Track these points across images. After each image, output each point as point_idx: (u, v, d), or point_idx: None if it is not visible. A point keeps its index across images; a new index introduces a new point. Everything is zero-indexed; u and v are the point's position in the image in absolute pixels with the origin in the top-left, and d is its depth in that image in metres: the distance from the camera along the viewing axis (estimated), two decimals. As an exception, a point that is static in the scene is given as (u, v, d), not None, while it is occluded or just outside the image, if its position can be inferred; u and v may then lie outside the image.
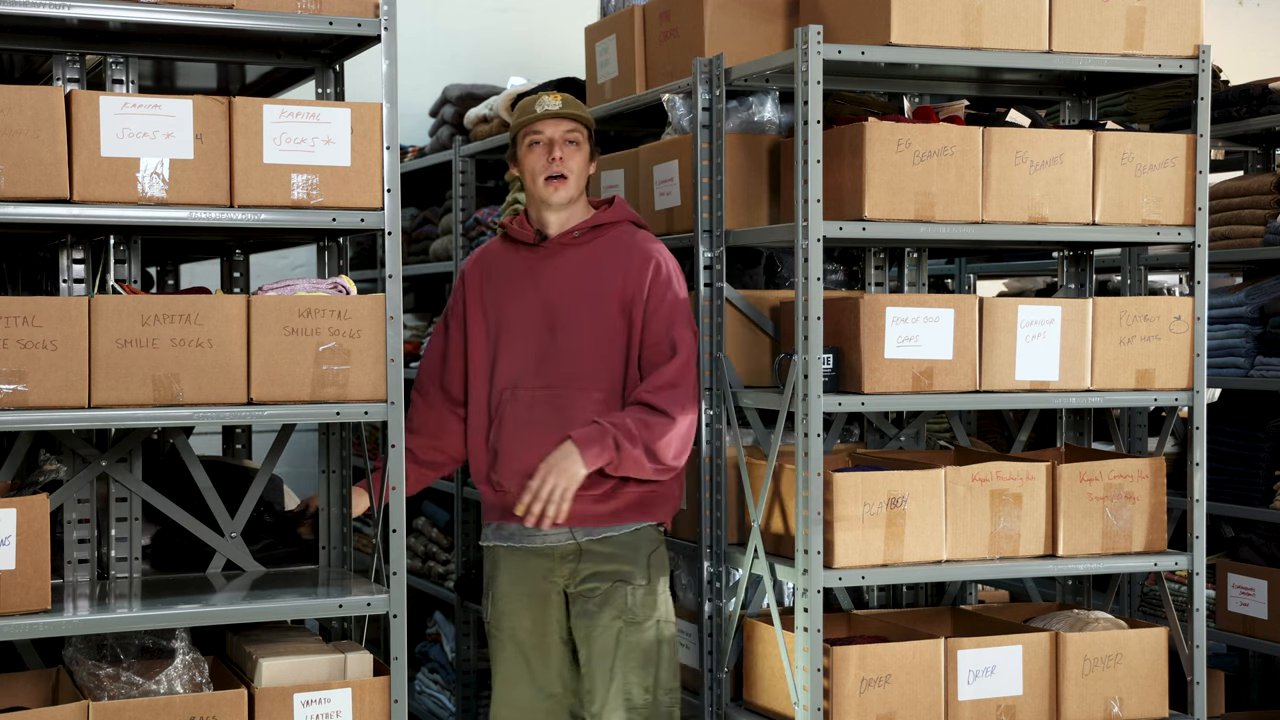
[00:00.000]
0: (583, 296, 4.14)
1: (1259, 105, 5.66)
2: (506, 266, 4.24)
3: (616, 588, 4.11)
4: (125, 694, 3.66)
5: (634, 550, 4.14)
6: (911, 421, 4.81)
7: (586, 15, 6.96)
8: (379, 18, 3.85)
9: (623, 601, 4.11)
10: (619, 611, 4.10)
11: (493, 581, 4.26)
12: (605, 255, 4.16)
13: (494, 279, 4.24)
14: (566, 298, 4.15)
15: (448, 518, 6.56)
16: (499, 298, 4.21)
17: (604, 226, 4.19)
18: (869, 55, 4.09)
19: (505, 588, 4.21)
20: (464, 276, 4.31)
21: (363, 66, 4.17)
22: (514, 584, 4.20)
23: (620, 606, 4.11)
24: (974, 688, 4.17)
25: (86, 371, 3.56)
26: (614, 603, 4.11)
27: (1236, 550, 5.60)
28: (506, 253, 4.27)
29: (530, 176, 4.16)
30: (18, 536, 3.53)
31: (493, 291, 4.23)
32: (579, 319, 4.13)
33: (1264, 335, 5.48)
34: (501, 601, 4.22)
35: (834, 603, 4.68)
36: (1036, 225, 4.23)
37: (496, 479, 4.18)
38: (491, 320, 4.21)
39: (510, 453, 4.14)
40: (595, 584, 4.12)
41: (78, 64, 4.02)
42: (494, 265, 4.26)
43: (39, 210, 3.55)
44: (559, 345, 4.13)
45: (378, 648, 4.10)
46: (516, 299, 4.19)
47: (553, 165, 4.11)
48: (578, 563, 4.13)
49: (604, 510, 4.11)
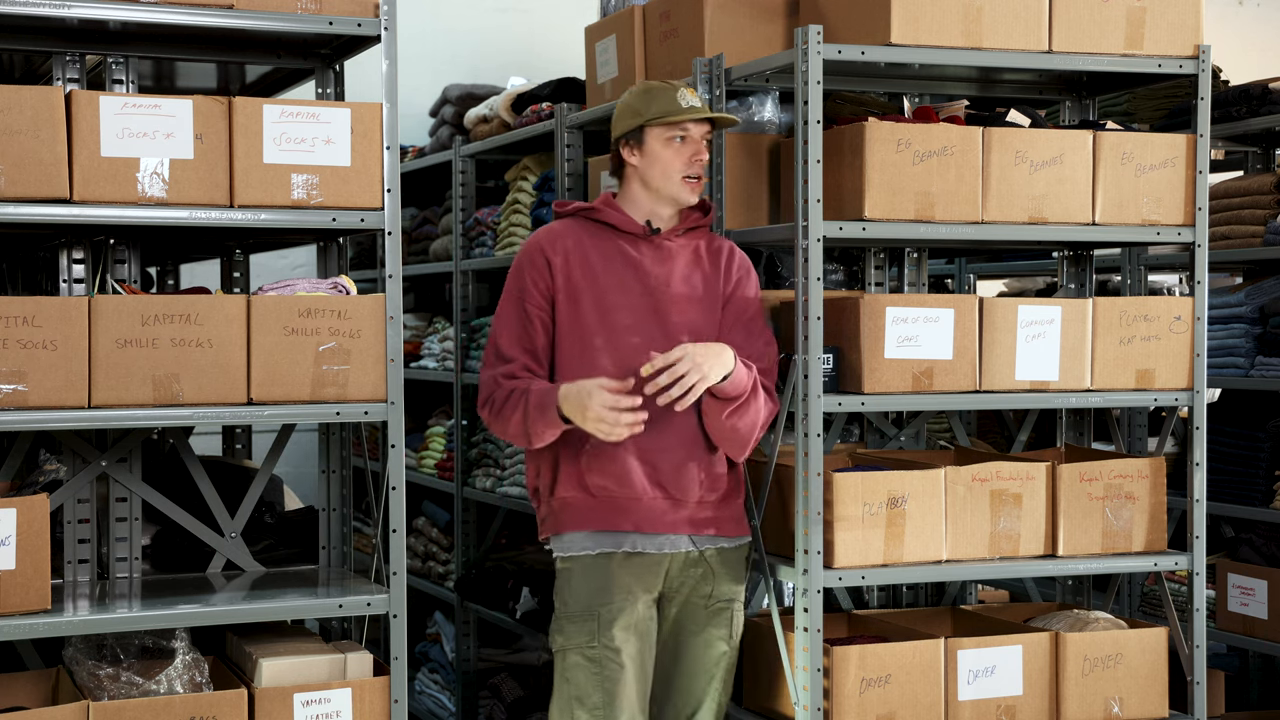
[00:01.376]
0: (691, 292, 3.98)
1: (1259, 105, 5.66)
2: (602, 253, 3.96)
3: (726, 607, 4.01)
4: (125, 694, 3.66)
5: (739, 569, 4.06)
6: (911, 421, 4.81)
7: (586, 15, 6.97)
8: (379, 18, 3.85)
9: (729, 623, 4.02)
10: (724, 634, 4.02)
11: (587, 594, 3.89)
12: (706, 252, 4.04)
13: (587, 263, 3.95)
14: (677, 292, 3.97)
15: (448, 518, 6.55)
16: (597, 283, 3.93)
17: (700, 228, 4.08)
18: (869, 55, 4.09)
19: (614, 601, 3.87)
20: (545, 258, 3.95)
21: (363, 66, 4.17)
22: (622, 596, 3.88)
23: (729, 629, 4.03)
24: (974, 688, 4.17)
25: (86, 371, 3.56)
26: (722, 623, 4.01)
27: (1236, 550, 5.60)
28: (598, 239, 3.98)
29: (663, 171, 3.96)
30: (18, 536, 3.53)
31: (587, 276, 3.93)
32: (689, 315, 3.96)
33: (1264, 335, 5.48)
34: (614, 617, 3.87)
35: (834, 603, 4.68)
36: (1036, 225, 4.23)
37: (599, 481, 3.88)
38: (586, 305, 3.92)
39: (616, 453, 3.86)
40: (711, 600, 3.99)
41: (78, 64, 4.02)
42: (583, 249, 3.96)
43: (39, 210, 3.55)
44: (666, 335, 3.92)
45: (378, 648, 4.10)
46: (621, 289, 3.93)
47: (693, 166, 3.96)
48: (693, 571, 3.96)
49: (725, 515, 4.00)
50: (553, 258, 3.95)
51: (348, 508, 4.30)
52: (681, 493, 3.92)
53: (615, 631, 3.86)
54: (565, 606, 3.93)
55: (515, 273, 4.00)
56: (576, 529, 3.91)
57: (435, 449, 6.52)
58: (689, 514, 3.93)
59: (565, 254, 3.95)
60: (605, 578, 3.88)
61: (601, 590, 3.88)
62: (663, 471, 3.90)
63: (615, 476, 3.87)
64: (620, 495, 3.88)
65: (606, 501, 3.89)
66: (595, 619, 3.87)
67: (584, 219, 4.03)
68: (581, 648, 3.88)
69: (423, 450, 6.60)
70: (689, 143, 3.96)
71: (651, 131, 3.96)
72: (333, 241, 4.34)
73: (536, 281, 3.95)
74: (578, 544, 3.91)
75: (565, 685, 3.90)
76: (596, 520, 3.89)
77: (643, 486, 3.88)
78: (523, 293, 3.95)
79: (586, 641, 3.87)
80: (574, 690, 3.88)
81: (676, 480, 3.91)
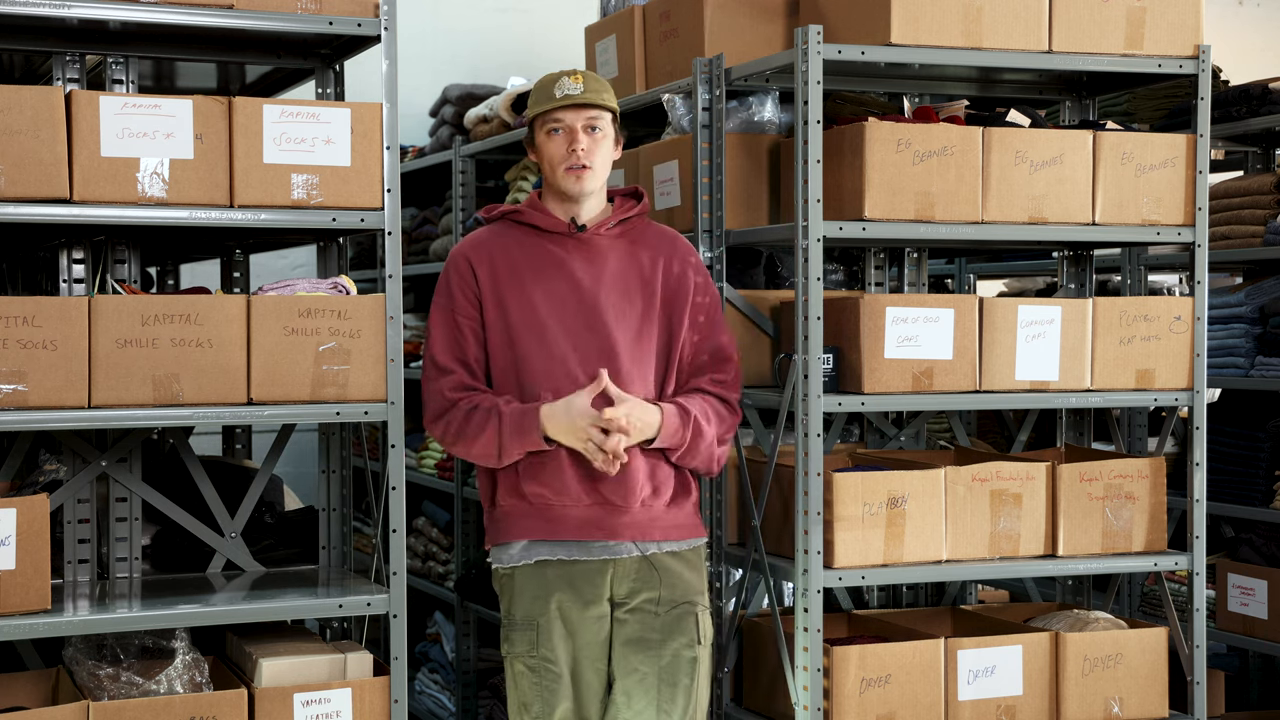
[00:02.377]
0: (626, 292, 3.82)
1: (1259, 105, 5.66)
2: (528, 257, 3.83)
3: (688, 611, 3.82)
4: (125, 694, 3.66)
5: (696, 570, 3.88)
6: (911, 421, 4.81)
7: (586, 15, 6.96)
8: (379, 18, 3.85)
9: (694, 627, 3.83)
10: (690, 640, 3.81)
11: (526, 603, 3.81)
12: (642, 248, 3.87)
13: (514, 270, 3.83)
14: (608, 292, 3.80)
15: (448, 518, 6.55)
16: (524, 290, 3.81)
17: (633, 219, 3.91)
18: (869, 55, 4.09)
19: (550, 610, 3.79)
20: (469, 266, 3.85)
21: (363, 66, 4.17)
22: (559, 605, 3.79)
23: (690, 634, 3.82)
24: (974, 688, 4.17)
25: (86, 371, 3.56)
26: (684, 629, 3.81)
27: (1236, 550, 5.60)
28: (523, 242, 3.85)
29: (549, 165, 3.81)
30: (18, 536, 3.53)
31: (513, 283, 3.82)
32: (622, 316, 3.80)
33: (1264, 335, 5.48)
34: (550, 627, 3.78)
35: (834, 603, 4.68)
36: (1036, 225, 4.23)
37: (535, 489, 3.78)
38: (514, 314, 3.79)
39: (553, 461, 3.76)
40: (664, 606, 3.81)
41: (78, 64, 4.02)
42: (509, 255, 3.84)
43: (39, 210, 3.55)
44: (600, 343, 3.78)
45: (378, 648, 4.10)
46: (549, 296, 3.80)
47: (573, 156, 3.77)
48: (642, 577, 3.80)
49: (674, 521, 3.84)
50: (478, 267, 3.83)
51: (348, 508, 4.30)
52: (622, 499, 3.77)
53: (554, 641, 3.78)
54: (509, 614, 3.85)
55: (443, 283, 3.88)
56: (515, 538, 3.81)
57: (435, 449, 6.52)
58: (631, 519, 3.78)
59: (490, 262, 3.83)
60: (543, 587, 3.78)
61: (539, 599, 3.78)
62: (601, 478, 3.76)
63: (552, 485, 3.76)
64: (557, 503, 3.77)
65: (543, 509, 3.78)
66: (535, 629, 3.78)
67: (510, 222, 3.90)
68: (523, 656, 3.80)
69: (423, 450, 6.60)
70: (566, 132, 3.78)
71: (538, 129, 3.84)
72: (333, 241, 4.34)
73: (464, 290, 3.84)
74: (517, 554, 3.81)
75: (514, 691, 3.85)
76: (534, 530, 3.79)
77: (579, 494, 3.77)
78: (451, 303, 3.85)
79: (528, 650, 3.79)
80: (520, 697, 3.82)
81: (616, 487, 3.76)
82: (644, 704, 3.79)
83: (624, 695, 3.80)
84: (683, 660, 3.80)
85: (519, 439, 3.72)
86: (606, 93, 3.84)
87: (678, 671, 3.80)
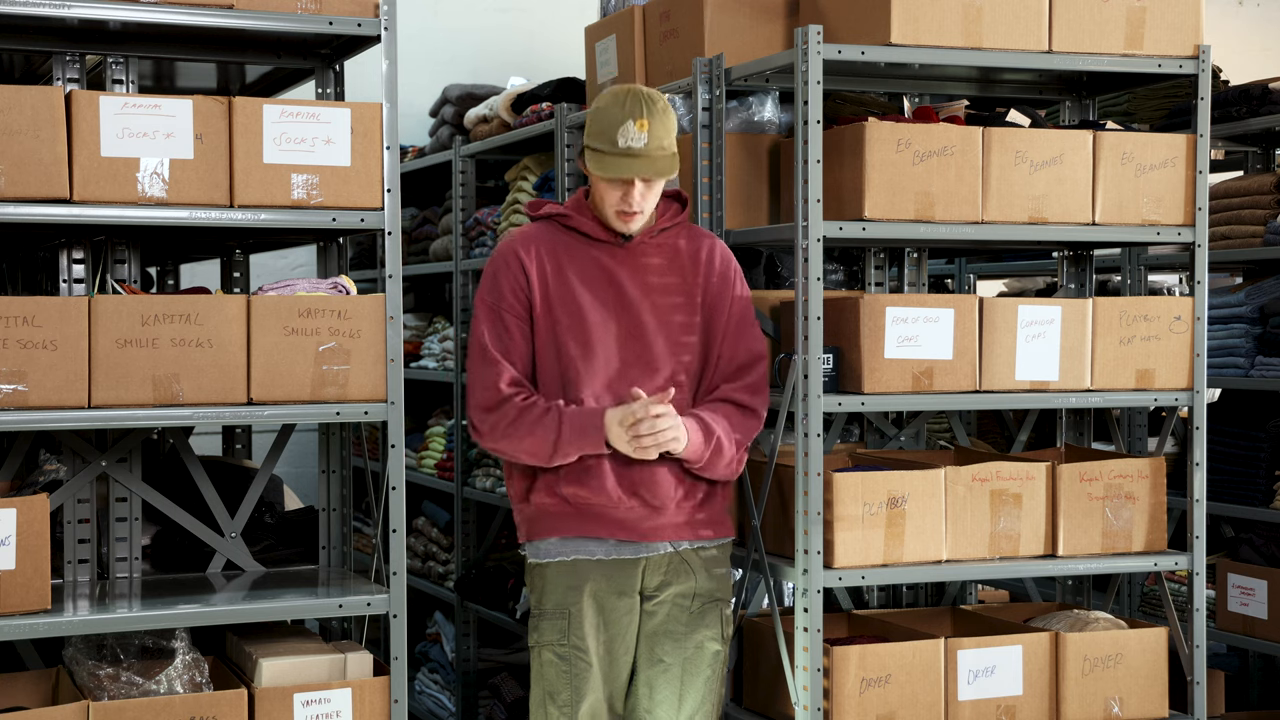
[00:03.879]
0: (669, 299, 3.89)
1: (1259, 105, 5.66)
2: (576, 263, 3.86)
3: (714, 607, 3.92)
4: (125, 694, 3.66)
5: (724, 567, 3.97)
6: (911, 421, 4.81)
7: (586, 15, 6.97)
8: (379, 18, 3.85)
9: (718, 622, 3.93)
10: (715, 634, 3.92)
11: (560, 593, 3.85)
12: (685, 254, 3.93)
13: (562, 274, 3.85)
14: (652, 301, 3.87)
15: (448, 518, 6.55)
16: (572, 296, 3.84)
17: (677, 225, 3.97)
18: (869, 55, 4.09)
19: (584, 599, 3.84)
20: (520, 263, 3.85)
21: (363, 66, 4.17)
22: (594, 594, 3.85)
23: (716, 627, 3.92)
24: (974, 688, 4.17)
25: (86, 371, 3.56)
26: (710, 623, 3.91)
27: (1236, 550, 5.60)
28: (571, 246, 3.88)
29: (599, 198, 3.83)
30: (18, 536, 3.53)
31: (561, 288, 3.84)
32: (664, 325, 3.87)
33: (1264, 335, 5.48)
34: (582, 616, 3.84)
35: (834, 603, 4.68)
36: (1036, 225, 4.23)
37: (574, 490, 3.82)
38: (561, 319, 3.83)
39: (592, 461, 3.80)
40: (694, 601, 3.90)
41: (78, 64, 4.02)
42: (557, 258, 3.86)
43: (39, 210, 3.55)
44: (643, 350, 3.85)
45: (378, 648, 4.10)
46: (594, 300, 3.84)
47: (624, 203, 3.79)
48: (674, 572, 3.88)
49: (705, 519, 3.92)
50: (529, 266, 3.85)
51: (348, 508, 4.30)
52: (658, 500, 3.84)
53: (586, 629, 3.84)
54: (539, 605, 3.90)
55: (489, 278, 3.89)
56: (551, 534, 3.86)
57: (435, 449, 6.52)
58: (666, 520, 3.86)
59: (540, 262, 3.85)
60: (577, 577, 3.84)
61: (573, 589, 3.84)
62: (638, 480, 3.81)
63: (590, 485, 3.80)
64: (595, 503, 3.81)
65: (582, 508, 3.83)
66: (566, 618, 3.84)
67: (557, 224, 3.92)
68: (553, 645, 3.85)
69: (423, 450, 6.60)
70: (618, 184, 3.79)
71: (589, 153, 3.82)
72: (333, 241, 4.34)
73: (514, 289, 3.85)
74: (552, 550, 3.86)
75: (540, 681, 3.89)
76: (571, 527, 3.84)
77: (618, 495, 3.81)
78: (499, 300, 3.85)
79: (558, 639, 3.85)
80: (547, 686, 3.87)
81: (652, 488, 3.83)
82: (666, 694, 3.89)
83: (646, 686, 3.90)
84: (706, 653, 3.91)
85: (579, 440, 3.76)
86: (668, 139, 3.78)
87: (701, 663, 3.91)
